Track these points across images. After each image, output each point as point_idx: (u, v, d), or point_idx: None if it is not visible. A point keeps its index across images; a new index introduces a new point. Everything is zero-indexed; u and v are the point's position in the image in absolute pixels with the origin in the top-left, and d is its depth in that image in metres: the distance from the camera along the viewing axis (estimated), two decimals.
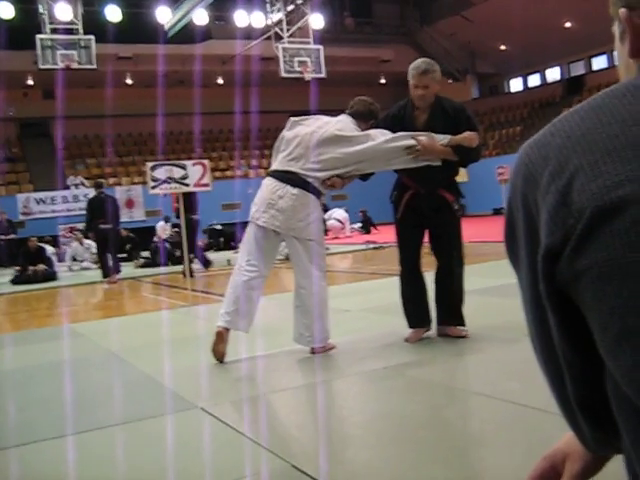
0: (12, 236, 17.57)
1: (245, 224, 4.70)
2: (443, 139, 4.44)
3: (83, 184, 24.13)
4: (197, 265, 12.63)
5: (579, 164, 0.70)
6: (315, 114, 4.96)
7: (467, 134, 4.43)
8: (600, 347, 0.71)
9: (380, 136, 4.50)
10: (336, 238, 19.72)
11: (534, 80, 32.76)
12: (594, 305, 0.69)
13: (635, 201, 0.65)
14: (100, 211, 12.04)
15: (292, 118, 4.86)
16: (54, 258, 15.29)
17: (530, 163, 0.76)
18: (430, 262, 4.80)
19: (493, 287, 6.60)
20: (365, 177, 4.87)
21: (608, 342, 0.69)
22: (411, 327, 4.64)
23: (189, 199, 12.13)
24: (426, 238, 4.74)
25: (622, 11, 0.82)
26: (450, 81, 32.26)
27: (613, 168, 0.67)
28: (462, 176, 12.28)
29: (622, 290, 0.66)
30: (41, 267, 13.42)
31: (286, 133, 4.73)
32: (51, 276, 13.37)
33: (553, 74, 31.75)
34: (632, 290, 0.65)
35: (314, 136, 4.51)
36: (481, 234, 13.57)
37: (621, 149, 0.67)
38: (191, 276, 11.29)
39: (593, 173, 0.68)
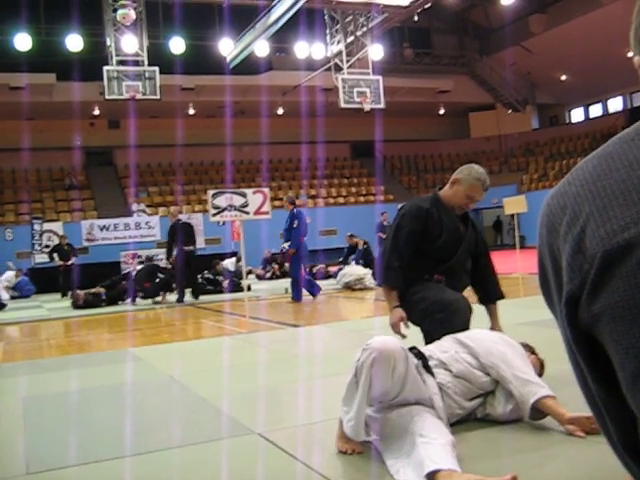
0: (73, 260, 17.76)
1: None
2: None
3: (144, 211, 24.60)
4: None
5: (590, 211, 0.72)
6: (375, 144, 4.79)
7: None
8: (622, 386, 0.72)
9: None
10: None
11: (595, 110, 32.33)
12: (612, 346, 0.71)
13: None
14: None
15: None
16: None
17: (550, 214, 0.79)
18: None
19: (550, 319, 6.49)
20: None
21: (627, 381, 0.70)
22: None
23: (187, 230, 13.20)
24: None
25: (637, 59, 0.84)
26: (510, 112, 32.06)
27: (620, 212, 0.69)
28: (521, 207, 12.18)
29: (634, 330, 0.67)
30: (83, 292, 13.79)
31: None
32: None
33: (615, 104, 31.30)
34: None
35: None
36: None
37: (627, 193, 0.69)
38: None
39: (602, 218, 0.70)
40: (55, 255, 17.70)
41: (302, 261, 11.72)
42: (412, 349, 3.29)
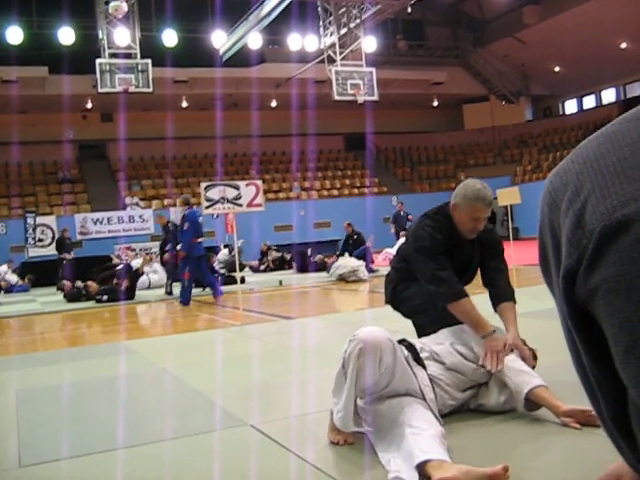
0: (72, 254, 17.73)
1: (298, 245, 4.58)
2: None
3: (138, 205, 24.56)
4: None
5: (591, 187, 0.73)
6: (368, 136, 4.62)
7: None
8: (615, 361, 0.73)
9: None
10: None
11: (589, 102, 32.33)
12: (606, 320, 0.72)
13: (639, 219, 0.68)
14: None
15: None
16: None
17: (553, 190, 0.80)
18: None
19: (543, 310, 6.50)
20: None
21: (620, 355, 0.71)
22: None
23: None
24: None
25: None
26: (503, 103, 32.06)
27: (621, 189, 0.70)
28: (514, 198, 12.19)
29: (629, 304, 0.68)
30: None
31: None
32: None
33: (608, 96, 31.31)
34: (638, 304, 0.67)
35: None
36: (533, 257, 13.40)
37: (629, 170, 0.70)
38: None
39: (602, 195, 0.71)
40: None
41: (193, 264, 11.14)
42: (402, 341, 3.30)
